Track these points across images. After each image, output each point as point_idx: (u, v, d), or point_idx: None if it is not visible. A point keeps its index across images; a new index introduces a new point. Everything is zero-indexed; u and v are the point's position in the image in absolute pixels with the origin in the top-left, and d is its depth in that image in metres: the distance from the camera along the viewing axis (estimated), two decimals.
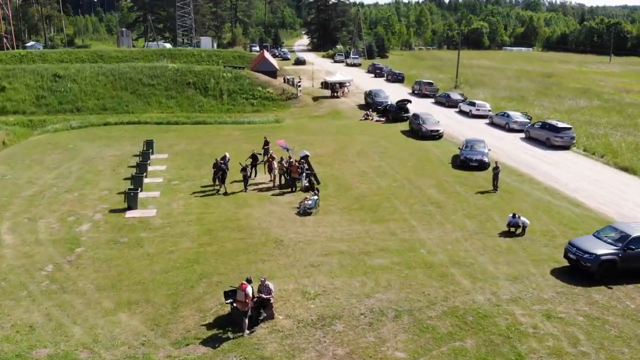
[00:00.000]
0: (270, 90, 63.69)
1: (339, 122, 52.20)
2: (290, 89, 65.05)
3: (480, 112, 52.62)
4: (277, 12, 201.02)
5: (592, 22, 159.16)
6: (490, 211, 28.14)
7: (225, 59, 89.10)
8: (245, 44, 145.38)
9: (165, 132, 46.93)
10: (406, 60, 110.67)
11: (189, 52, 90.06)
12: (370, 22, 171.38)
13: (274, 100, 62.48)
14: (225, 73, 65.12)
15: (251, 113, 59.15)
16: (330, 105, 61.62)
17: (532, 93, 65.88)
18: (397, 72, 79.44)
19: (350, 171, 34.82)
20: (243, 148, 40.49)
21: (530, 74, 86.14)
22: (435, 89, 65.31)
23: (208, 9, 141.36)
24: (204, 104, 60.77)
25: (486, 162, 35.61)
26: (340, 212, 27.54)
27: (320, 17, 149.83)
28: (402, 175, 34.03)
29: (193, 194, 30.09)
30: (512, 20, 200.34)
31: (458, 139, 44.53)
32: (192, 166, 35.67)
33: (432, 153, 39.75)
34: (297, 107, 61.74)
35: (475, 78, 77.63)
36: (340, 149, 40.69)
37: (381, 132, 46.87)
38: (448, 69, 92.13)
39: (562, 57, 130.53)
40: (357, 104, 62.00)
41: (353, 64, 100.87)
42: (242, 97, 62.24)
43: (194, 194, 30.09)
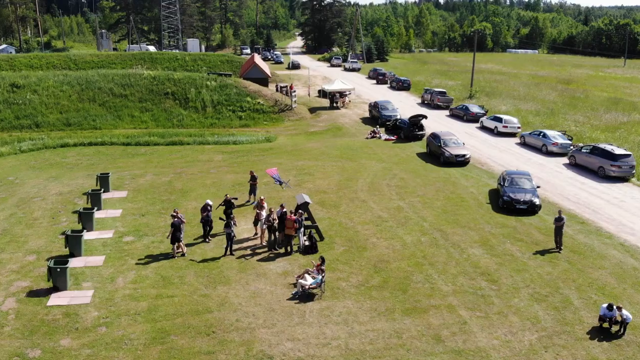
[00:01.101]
0: (260, 101, 55.55)
1: (342, 140, 44.10)
2: (284, 99, 56.93)
3: (508, 129, 44.64)
4: (270, 12, 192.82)
5: (600, 23, 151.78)
6: (563, 287, 20.11)
7: (211, 63, 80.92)
8: (236, 46, 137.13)
9: (132, 157, 38.64)
10: (408, 64, 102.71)
11: (172, 56, 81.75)
12: (366, 23, 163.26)
13: (265, 113, 54.34)
14: (209, 81, 56.90)
15: (238, 128, 51.03)
16: (330, 119, 53.54)
17: (559, 104, 58.00)
18: (403, 79, 71.42)
19: (362, 216, 26.71)
20: (225, 181, 32.26)
21: (547, 80, 78.40)
22: (449, 99, 57.32)
23: (196, 9, 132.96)
24: (183, 117, 52.58)
25: (537, 204, 27.61)
26: (356, 292, 19.40)
27: (315, 18, 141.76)
28: (431, 223, 25.96)
29: (150, 260, 21.86)
30: (513, 22, 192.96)
31: (488, 165, 36.53)
32: (156, 210, 27.41)
33: (461, 187, 31.68)
34: (292, 121, 53.63)
35: (489, 85, 69.76)
36: (346, 180, 32.57)
37: (393, 156, 38.80)
38: (456, 74, 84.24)
39: (572, 60, 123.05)
40: (361, 117, 53.93)
41: (352, 69, 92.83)
42: (228, 109, 54.07)
43: (151, 260, 21.86)
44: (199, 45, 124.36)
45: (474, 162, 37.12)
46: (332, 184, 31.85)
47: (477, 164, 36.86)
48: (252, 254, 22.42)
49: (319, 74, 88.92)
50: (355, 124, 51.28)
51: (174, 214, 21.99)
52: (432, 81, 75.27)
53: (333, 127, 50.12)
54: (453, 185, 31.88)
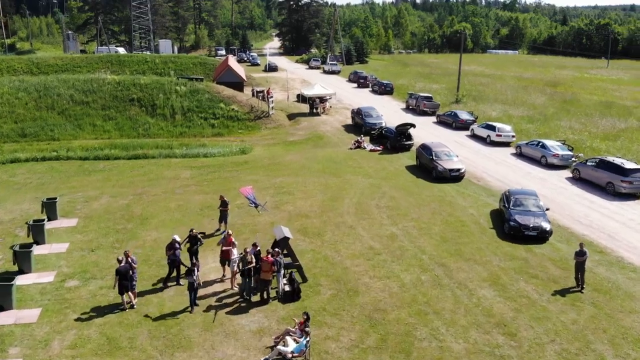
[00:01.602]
0: (235, 107, 51.61)
1: (323, 152, 40.47)
2: (261, 105, 53.08)
3: (502, 138, 41.47)
4: (246, 12, 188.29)
5: (580, 23, 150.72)
6: (594, 341, 16.80)
7: (183, 66, 76.59)
8: (211, 47, 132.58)
9: (89, 174, 34.44)
10: (389, 67, 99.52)
11: (141, 59, 77.19)
12: (344, 24, 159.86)
13: (239, 120, 50.43)
14: (179, 86, 52.78)
15: (211, 138, 47.06)
16: (310, 126, 49.87)
17: (550, 109, 55.17)
18: (385, 82, 68.05)
19: (351, 247, 23.12)
20: (192, 204, 28.37)
21: (533, 83, 75.82)
22: (435, 105, 54.07)
23: (168, 9, 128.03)
24: (150, 126, 48.39)
25: (548, 229, 24.34)
26: (349, 357, 15.74)
27: (292, 18, 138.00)
28: (431, 255, 22.47)
29: (95, 314, 17.95)
30: (492, 22, 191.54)
31: (485, 180, 33.25)
32: (109, 244, 23.42)
33: (459, 207, 28.29)
34: (269, 129, 49.84)
35: (475, 89, 66.79)
36: (330, 200, 28.95)
37: (381, 170, 35.29)
38: (439, 77, 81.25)
39: (554, 60, 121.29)
40: (343, 125, 50.38)
41: (331, 71, 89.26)
42: (199, 116, 50.01)
43: (96, 314, 17.96)
44: (172, 47, 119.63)
45: (469, 176, 33.80)
46: (315, 205, 28.18)
47: (473, 179, 33.54)
48: (220, 304, 18.61)
49: (297, 76, 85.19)
50: (337, 132, 47.70)
51: (120, 258, 18.05)
52: (416, 84, 72.13)
53: (314, 135, 46.46)
54: (450, 206, 28.46)
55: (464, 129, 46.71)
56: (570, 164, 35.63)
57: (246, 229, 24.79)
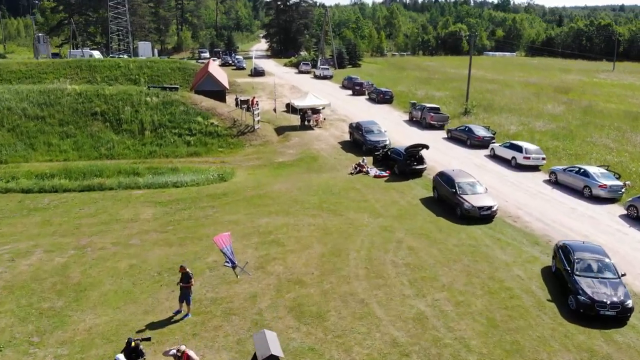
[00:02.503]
0: (214, 121, 44.80)
1: (319, 178, 33.80)
2: (245, 118, 46.26)
3: (530, 161, 35.00)
4: (231, 12, 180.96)
5: (580, 24, 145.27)
6: None
7: (160, 71, 69.59)
8: (194, 49, 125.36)
9: (27, 215, 27.50)
10: (384, 71, 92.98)
11: (113, 64, 70.07)
12: (334, 25, 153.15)
13: (220, 137, 43.64)
14: (150, 97, 45.87)
15: (185, 158, 40.27)
16: (302, 143, 43.20)
17: (572, 121, 48.87)
18: (384, 90, 61.41)
19: (366, 343, 16.49)
20: (149, 263, 21.55)
21: (543, 90, 69.65)
22: (444, 117, 47.56)
23: (148, 9, 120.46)
24: (114, 144, 41.52)
25: (630, 306, 17.87)
26: None
27: (280, 19, 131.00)
28: (481, 355, 15.85)
29: None
30: (485, 22, 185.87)
31: (522, 220, 26.75)
32: (24, 337, 16.54)
33: (500, 264, 21.76)
34: (254, 146, 43.12)
35: (483, 97, 60.38)
36: (331, 254, 22.30)
37: (391, 204, 28.68)
38: (441, 83, 74.86)
39: (555, 63, 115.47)
40: (339, 141, 43.74)
41: (323, 76, 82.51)
42: (172, 132, 43.14)
43: None
44: (151, 49, 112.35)
45: (501, 213, 27.28)
46: (312, 264, 21.49)
47: (507, 218, 27.03)
48: None
49: (286, 82, 78.41)
50: (334, 150, 41.03)
51: None
52: (416, 92, 65.66)
53: (306, 155, 39.77)
54: (487, 262, 21.90)
55: (480, 147, 40.25)
56: (620, 197, 29.29)
57: (217, 309, 18.03)
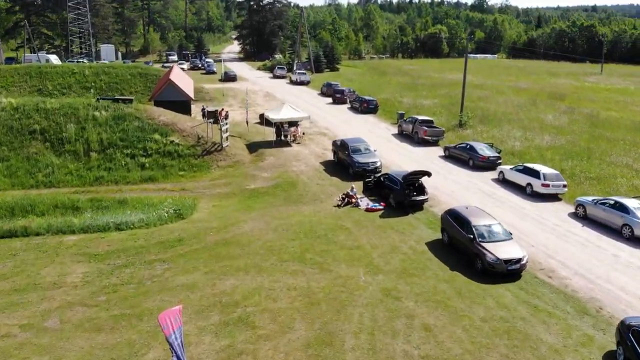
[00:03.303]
0: (175, 138, 38.37)
1: (299, 212, 27.75)
2: (212, 134, 39.91)
3: (550, 189, 29.40)
4: (201, 13, 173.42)
5: (562, 25, 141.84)
6: None
7: (119, 77, 62.87)
8: (161, 51, 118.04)
9: None
10: (364, 75, 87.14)
11: (67, 70, 63.06)
12: (309, 26, 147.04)
13: (181, 157, 37.25)
14: (98, 111, 39.24)
15: (139, 185, 33.84)
16: (278, 163, 37.09)
17: (581, 135, 43.55)
18: (368, 99, 55.44)
19: None
20: None
21: (537, 96, 64.60)
22: (439, 132, 41.84)
23: (111, 9, 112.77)
24: (54, 169, 34.91)
25: None
26: None
27: (253, 20, 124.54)
28: None
29: None
30: (462, 24, 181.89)
31: (559, 275, 21.09)
32: None
33: (548, 351, 16.09)
34: (222, 168, 36.87)
35: (476, 106, 54.85)
36: (318, 343, 16.29)
37: (390, 251, 22.80)
38: (427, 89, 69.40)
39: (540, 66, 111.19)
40: (321, 160, 37.75)
41: (299, 82, 76.37)
42: (124, 153, 36.62)
43: None
44: (115, 52, 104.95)
45: (530, 264, 21.57)
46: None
47: (538, 272, 21.34)
48: None
49: (260, 88, 72.17)
50: (315, 173, 34.97)
51: None
52: (402, 99, 59.98)
53: (283, 180, 33.64)
54: (530, 347, 16.14)
55: (486, 169, 34.62)
56: None
57: None
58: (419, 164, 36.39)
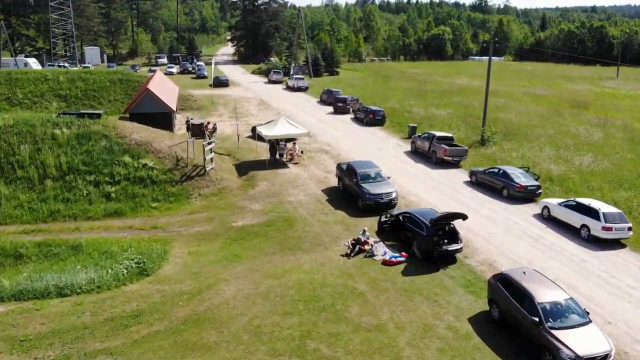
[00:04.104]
0: (149, 161, 32.21)
1: (297, 266, 21.71)
2: (194, 155, 33.72)
3: (612, 233, 23.35)
4: (194, 13, 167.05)
5: (571, 26, 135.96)
6: None
7: (97, 84, 56.75)
8: (150, 54, 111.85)
9: None
10: (366, 80, 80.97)
11: (39, 76, 56.83)
12: (307, 27, 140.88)
13: (155, 185, 31.10)
14: (59, 129, 33.08)
15: (102, 221, 27.75)
16: (272, 192, 31.01)
17: (625, 156, 37.35)
18: (374, 109, 49.30)
19: None
20: None
21: (559, 104, 58.58)
22: (461, 151, 35.74)
23: (97, 9, 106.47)
24: (1, 200, 28.73)
25: None
26: None
27: (248, 20, 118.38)
28: None
29: None
30: (465, 24, 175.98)
31: None
32: None
33: None
34: (205, 198, 30.80)
35: (495, 117, 48.64)
36: None
37: (423, 332, 16.86)
38: (437, 97, 63.31)
39: (550, 69, 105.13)
40: (323, 188, 31.65)
41: (297, 88, 70.22)
42: (87, 180, 30.46)
43: None
44: (100, 55, 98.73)
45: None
46: None
47: None
48: None
49: (253, 95, 66.12)
50: (317, 205, 28.88)
51: None
52: (412, 109, 53.91)
53: (278, 215, 27.54)
54: None
55: (523, 200, 28.61)
56: None
57: None
58: (442, 192, 30.37)
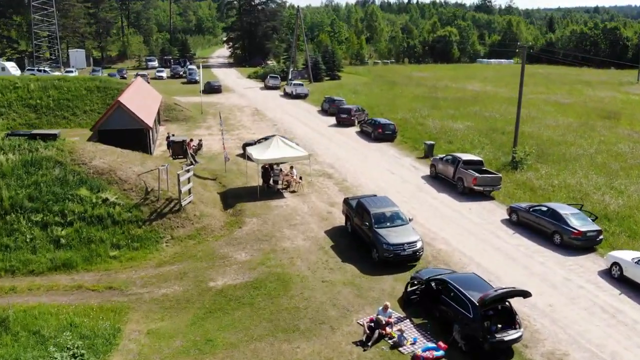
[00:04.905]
0: (110, 195, 25.98)
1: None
2: (168, 184, 27.48)
3: None
4: (187, 13, 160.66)
5: (584, 28, 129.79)
6: None
7: (72, 93, 50.91)
8: (141, 56, 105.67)
9: None
10: (371, 86, 74.63)
11: (7, 84, 50.65)
12: (306, 28, 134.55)
13: (117, 225, 24.92)
14: (4, 154, 26.89)
15: (46, 276, 21.81)
16: (263, 234, 24.90)
17: None
18: (383, 122, 43.04)
19: None
20: None
21: (588, 116, 52.36)
22: (495, 179, 29.35)
23: (83, 10, 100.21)
24: None
25: None
26: None
27: (244, 21, 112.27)
28: None
29: None
30: (471, 25, 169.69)
31: None
32: None
33: None
34: (179, 242, 24.78)
35: (522, 133, 42.38)
36: None
37: None
38: (451, 105, 57.13)
39: (567, 73, 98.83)
40: (328, 229, 25.52)
41: (296, 95, 64.06)
42: (33, 221, 24.26)
43: None
44: (86, 58, 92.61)
45: None
46: None
47: None
48: None
49: (248, 103, 60.09)
50: (319, 254, 22.74)
51: None
52: (425, 121, 47.73)
53: (269, 272, 21.41)
54: None
55: (580, 248, 22.48)
56: None
57: None
58: (476, 237, 24.25)
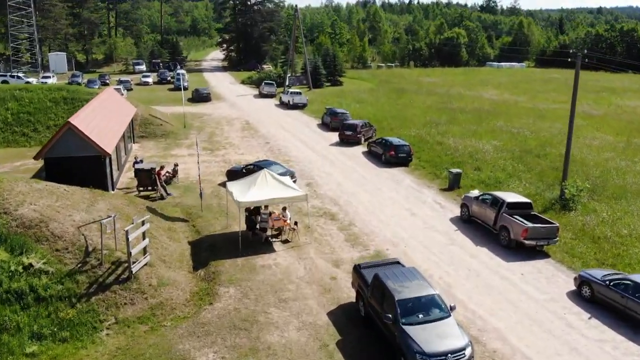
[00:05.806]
0: (35, 260, 18.96)
1: None
2: (117, 240, 20.47)
3: None
4: (179, 13, 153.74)
5: (600, 29, 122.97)
6: None
7: (34, 105, 44.06)
8: (127, 59, 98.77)
9: None
10: (377, 94, 67.49)
11: None
12: (305, 30, 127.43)
13: (41, 304, 17.99)
14: None
15: None
16: (241, 316, 18.02)
17: None
18: (397, 143, 35.70)
19: None
20: None
21: (628, 131, 45.59)
22: (551, 230, 22.27)
23: (65, 10, 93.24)
24: None
25: None
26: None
27: (239, 22, 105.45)
28: None
29: None
30: (479, 26, 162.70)
31: None
32: None
33: None
34: (122, 329, 18.07)
35: (557, 155, 35.52)
36: None
37: None
38: (472, 119, 49.99)
39: (585, 78, 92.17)
40: (330, 309, 18.55)
41: (293, 105, 57.13)
42: None
43: None
44: (67, 62, 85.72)
45: None
46: None
47: None
48: None
49: (238, 114, 53.23)
50: (321, 357, 15.76)
51: None
52: (443, 139, 40.73)
53: None
54: None
55: None
56: None
57: None
58: (540, 325, 17.29)
